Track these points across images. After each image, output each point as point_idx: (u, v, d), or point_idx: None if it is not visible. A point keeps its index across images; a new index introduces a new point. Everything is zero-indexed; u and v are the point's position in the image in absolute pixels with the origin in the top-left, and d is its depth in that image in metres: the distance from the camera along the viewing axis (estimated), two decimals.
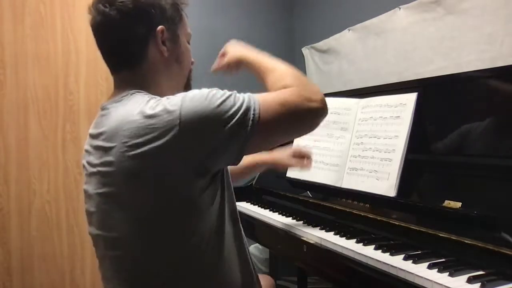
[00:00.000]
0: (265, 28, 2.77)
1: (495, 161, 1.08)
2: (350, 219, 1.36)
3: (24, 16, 2.12)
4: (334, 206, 1.46)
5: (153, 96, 0.88)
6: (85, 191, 0.97)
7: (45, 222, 2.18)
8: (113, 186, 0.86)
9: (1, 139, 2.09)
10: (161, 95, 0.89)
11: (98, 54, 0.99)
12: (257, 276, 1.08)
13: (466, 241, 1.00)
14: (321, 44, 2.50)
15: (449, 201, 1.10)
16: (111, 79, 1.00)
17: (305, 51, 2.67)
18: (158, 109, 0.80)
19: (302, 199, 1.64)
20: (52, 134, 2.19)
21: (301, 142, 1.70)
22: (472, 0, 1.60)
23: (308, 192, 1.64)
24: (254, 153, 0.96)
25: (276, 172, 1.84)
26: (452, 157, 1.21)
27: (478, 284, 0.87)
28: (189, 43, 1.04)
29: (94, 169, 0.90)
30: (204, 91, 0.85)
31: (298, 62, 2.77)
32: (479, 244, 0.97)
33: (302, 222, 1.48)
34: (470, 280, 0.89)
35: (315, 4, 2.63)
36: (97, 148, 0.89)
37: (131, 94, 0.90)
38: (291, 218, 1.55)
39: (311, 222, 1.45)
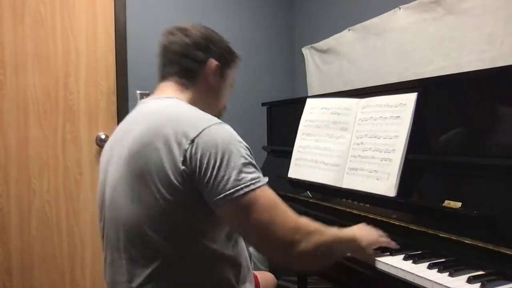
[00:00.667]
0: (265, 28, 2.77)
1: (495, 161, 1.08)
2: (350, 219, 1.36)
3: (24, 16, 2.12)
4: (334, 206, 1.46)
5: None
6: None
7: (45, 222, 2.18)
8: None
9: (1, 139, 2.09)
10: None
11: (98, 54, 1.02)
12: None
13: (466, 241, 1.00)
14: (321, 44, 2.50)
15: (449, 201, 1.10)
16: (111, 79, 1.01)
17: (305, 51, 2.67)
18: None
19: (302, 199, 1.64)
20: (52, 134, 2.19)
21: (301, 143, 1.70)
22: (472, 0, 1.60)
23: (308, 192, 1.64)
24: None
25: (275, 172, 1.84)
26: (452, 157, 1.21)
27: (478, 284, 0.87)
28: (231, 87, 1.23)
29: None
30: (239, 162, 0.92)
31: (298, 62, 2.78)
32: (479, 244, 0.97)
33: None
34: (470, 280, 0.89)
35: (315, 4, 2.63)
36: None
37: (167, 98, 1.06)
38: None
39: None
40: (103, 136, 2.27)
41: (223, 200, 0.87)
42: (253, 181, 0.89)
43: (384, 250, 1.11)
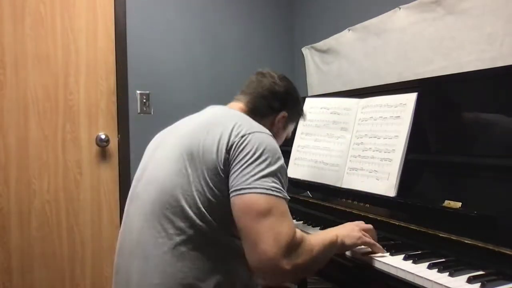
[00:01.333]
0: (265, 28, 2.77)
1: (495, 161, 1.08)
2: (350, 219, 1.36)
3: (24, 16, 2.12)
4: (334, 206, 1.46)
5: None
6: None
7: (45, 222, 2.18)
8: None
9: (1, 139, 2.09)
10: None
11: (98, 54, 1.03)
12: None
13: (466, 241, 1.00)
14: (321, 44, 2.50)
15: (449, 201, 1.10)
16: (111, 79, 1.02)
17: (305, 51, 2.67)
18: None
19: (302, 199, 1.64)
20: (52, 134, 2.19)
21: (301, 142, 1.70)
22: (472, 0, 1.59)
23: (308, 192, 1.64)
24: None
25: None
26: (452, 157, 1.21)
27: (478, 284, 0.87)
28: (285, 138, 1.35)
29: None
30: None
31: (298, 62, 2.78)
32: (479, 244, 0.97)
33: (302, 222, 1.48)
34: (470, 280, 0.89)
35: (315, 4, 2.63)
36: None
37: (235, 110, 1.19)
38: None
39: (311, 222, 1.45)
40: (103, 136, 2.27)
41: (239, 192, 0.92)
42: (273, 189, 0.93)
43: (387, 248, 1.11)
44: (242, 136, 0.97)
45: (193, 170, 0.98)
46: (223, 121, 1.03)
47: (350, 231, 1.10)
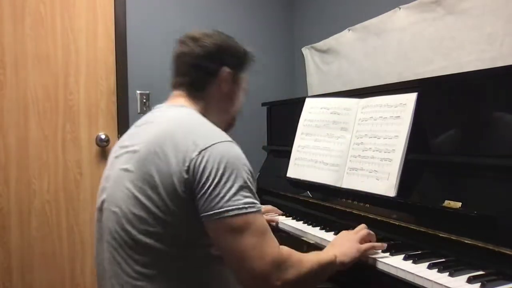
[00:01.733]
0: (265, 28, 2.77)
1: (495, 161, 1.08)
2: (350, 219, 1.36)
3: (24, 16, 2.12)
4: (334, 206, 1.46)
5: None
6: None
7: (45, 222, 2.18)
8: None
9: (1, 139, 2.09)
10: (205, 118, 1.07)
11: (98, 54, 1.03)
12: None
13: (466, 241, 1.00)
14: (321, 44, 2.50)
15: (449, 201, 1.10)
16: (111, 79, 1.01)
17: (305, 51, 2.67)
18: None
19: (302, 199, 1.64)
20: (52, 134, 2.19)
21: (301, 142, 1.70)
22: (472, 0, 1.59)
23: (308, 192, 1.64)
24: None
25: (275, 172, 1.84)
26: (452, 157, 1.21)
27: (478, 284, 0.87)
28: (244, 94, 1.23)
29: None
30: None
31: (298, 62, 2.78)
32: (479, 244, 0.97)
33: (302, 222, 1.48)
34: (470, 280, 0.89)
35: (315, 4, 2.63)
36: None
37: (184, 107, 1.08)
38: (291, 218, 1.55)
39: (311, 222, 1.45)
40: (103, 136, 2.27)
41: (212, 217, 0.88)
42: (246, 205, 0.88)
43: (383, 250, 1.11)
44: (199, 153, 0.90)
45: (151, 198, 0.92)
46: (173, 137, 0.93)
47: (348, 249, 1.07)
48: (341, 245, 1.09)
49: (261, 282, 0.88)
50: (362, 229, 1.15)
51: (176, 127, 0.97)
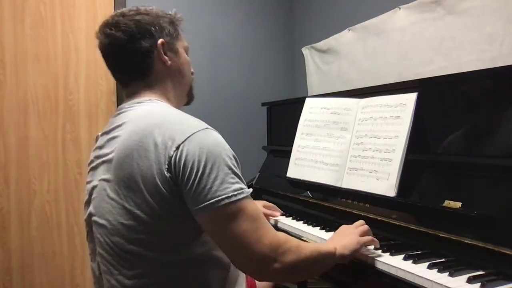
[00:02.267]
0: (265, 28, 2.77)
1: (495, 161, 1.08)
2: (350, 219, 1.36)
3: (24, 16, 2.12)
4: (334, 206, 1.46)
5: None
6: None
7: (45, 222, 2.18)
8: None
9: (1, 139, 2.09)
10: (169, 101, 1.06)
11: (98, 54, 1.04)
12: None
13: (466, 241, 1.00)
14: (321, 44, 2.50)
15: (449, 201, 1.10)
16: (111, 79, 1.01)
17: (305, 51, 2.67)
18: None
19: (302, 199, 1.64)
20: (52, 134, 2.19)
21: (301, 142, 1.70)
22: (472, 0, 1.59)
23: (308, 192, 1.64)
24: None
25: (275, 172, 1.84)
26: (452, 157, 1.21)
27: (478, 284, 0.87)
28: (187, 54, 1.14)
29: None
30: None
31: (298, 62, 2.78)
32: (479, 244, 0.97)
33: (302, 222, 1.48)
34: (470, 280, 0.89)
35: (315, 4, 2.63)
36: None
37: (148, 101, 1.02)
38: (291, 218, 1.55)
39: (311, 222, 1.45)
40: None
41: (203, 209, 0.86)
42: (235, 192, 0.87)
43: (383, 250, 1.11)
44: (177, 148, 0.87)
45: (138, 205, 0.89)
46: (148, 136, 0.90)
47: (348, 241, 1.06)
48: (341, 238, 1.08)
49: (261, 265, 0.88)
50: (362, 224, 1.16)
51: (147, 125, 0.92)
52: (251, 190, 0.93)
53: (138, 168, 0.89)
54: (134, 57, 1.02)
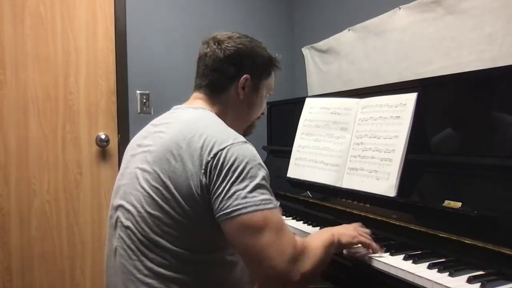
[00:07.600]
0: (265, 28, 2.77)
1: (495, 161, 1.08)
2: (350, 219, 1.36)
3: (24, 16, 2.12)
4: (334, 206, 1.46)
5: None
6: None
7: (45, 222, 2.18)
8: None
9: (1, 139, 2.09)
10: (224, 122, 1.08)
11: (98, 54, 1.03)
12: None
13: (466, 241, 1.00)
14: (321, 44, 2.50)
15: (449, 201, 1.10)
16: (111, 79, 1.01)
17: (305, 51, 2.67)
18: None
19: (302, 199, 1.64)
20: (52, 134, 2.19)
21: (301, 142, 1.70)
22: (472, 0, 1.59)
23: (308, 192, 1.64)
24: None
25: (276, 172, 1.84)
26: (452, 157, 1.21)
27: (478, 284, 0.87)
28: (268, 95, 1.24)
29: None
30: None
31: (298, 62, 2.78)
32: (479, 244, 0.97)
33: (302, 222, 1.48)
34: (470, 280, 0.89)
35: (315, 4, 2.63)
36: None
37: (202, 109, 1.08)
38: (291, 218, 1.55)
39: (311, 222, 1.45)
40: (103, 136, 2.27)
41: (229, 215, 0.88)
42: (263, 202, 0.89)
43: (384, 250, 1.11)
44: (215, 155, 0.91)
45: (168, 201, 0.93)
46: (190, 140, 0.94)
47: (345, 230, 1.10)
48: (338, 228, 1.12)
49: (282, 279, 0.88)
50: (361, 226, 1.18)
51: (192, 129, 0.97)
52: (278, 203, 0.95)
53: (175, 168, 0.93)
54: (218, 74, 1.10)
